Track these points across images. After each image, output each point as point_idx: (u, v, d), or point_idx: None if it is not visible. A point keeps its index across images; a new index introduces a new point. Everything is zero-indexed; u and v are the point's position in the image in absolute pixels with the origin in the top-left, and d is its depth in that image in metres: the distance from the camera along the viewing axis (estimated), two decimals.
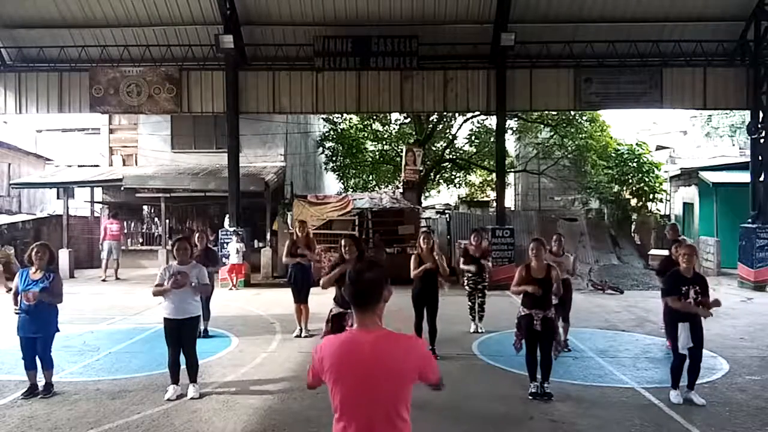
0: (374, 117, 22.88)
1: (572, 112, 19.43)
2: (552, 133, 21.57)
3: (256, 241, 16.98)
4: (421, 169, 19.59)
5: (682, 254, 5.84)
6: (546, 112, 19.19)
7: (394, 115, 22.93)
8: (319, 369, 2.47)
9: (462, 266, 9.26)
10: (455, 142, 23.87)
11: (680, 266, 5.84)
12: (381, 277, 2.50)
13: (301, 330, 8.83)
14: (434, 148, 23.58)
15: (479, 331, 9.00)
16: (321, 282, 5.99)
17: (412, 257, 7.66)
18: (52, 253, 6.08)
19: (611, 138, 22.01)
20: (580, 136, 20.76)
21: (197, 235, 8.90)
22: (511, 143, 25.65)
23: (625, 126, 28.30)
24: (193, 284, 5.86)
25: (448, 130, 23.67)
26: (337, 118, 23.15)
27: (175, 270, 5.87)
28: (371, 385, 2.36)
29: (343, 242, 6.08)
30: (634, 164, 21.22)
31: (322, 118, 22.60)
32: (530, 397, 5.89)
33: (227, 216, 14.93)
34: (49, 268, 5.98)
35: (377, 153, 24.13)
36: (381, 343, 2.42)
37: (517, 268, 6.31)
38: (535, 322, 5.84)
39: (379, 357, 2.38)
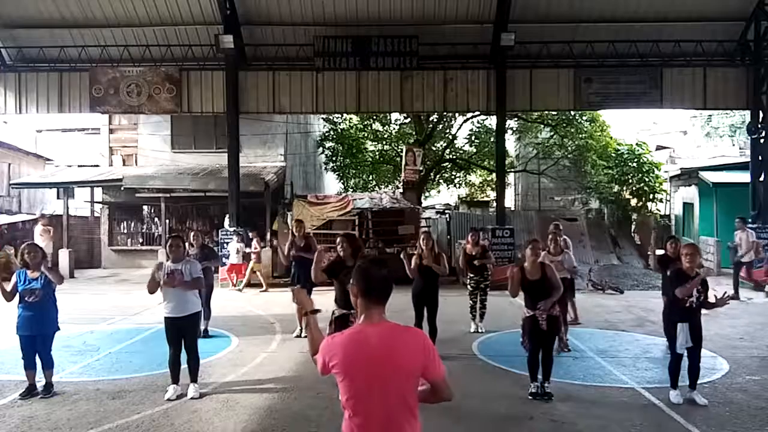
0: (374, 117, 22.88)
1: (572, 112, 19.43)
2: (552, 133, 21.57)
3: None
4: (421, 169, 19.58)
5: (684, 254, 5.77)
6: (546, 112, 19.18)
7: (394, 115, 22.93)
8: (327, 363, 2.49)
9: (460, 260, 9.27)
10: (455, 142, 23.86)
11: (683, 265, 5.78)
12: (391, 274, 2.59)
13: (301, 330, 8.80)
14: (434, 148, 23.57)
15: (479, 330, 9.00)
16: (312, 275, 6.03)
17: (413, 257, 7.67)
18: (43, 252, 6.14)
19: (611, 138, 22.01)
20: (580, 136, 20.75)
21: (192, 234, 8.90)
22: (511, 143, 25.64)
23: (625, 126, 28.37)
24: (186, 280, 5.89)
25: (448, 130, 23.66)
26: (337, 118, 23.14)
27: (168, 269, 5.89)
28: (381, 378, 2.39)
29: (338, 240, 6.11)
30: (634, 164, 21.23)
31: (322, 118, 22.59)
32: (530, 397, 5.89)
33: (227, 216, 14.93)
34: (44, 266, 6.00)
35: (377, 153, 24.11)
36: (388, 334, 2.47)
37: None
38: (541, 322, 5.83)
39: (387, 349, 2.42)
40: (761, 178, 13.86)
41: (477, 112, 19.57)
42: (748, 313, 10.71)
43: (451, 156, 23.74)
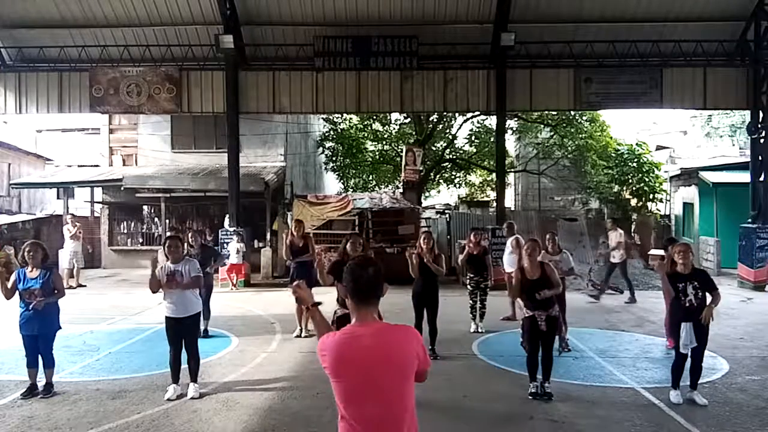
0: (374, 117, 22.88)
1: (572, 112, 19.43)
2: (552, 133, 21.58)
3: (256, 241, 16.98)
4: (421, 169, 19.58)
5: (677, 252, 5.78)
6: (546, 112, 19.18)
7: (394, 115, 22.94)
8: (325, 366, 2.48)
9: (460, 258, 9.25)
10: (455, 142, 23.89)
11: (677, 266, 5.79)
12: (381, 273, 2.55)
13: (301, 330, 8.83)
14: (434, 148, 23.59)
15: (479, 330, 9.01)
16: (320, 278, 5.98)
17: (413, 257, 7.67)
18: (45, 251, 6.08)
19: (611, 138, 22.03)
20: (580, 136, 20.77)
21: (190, 234, 8.85)
22: (511, 143, 25.67)
23: (625, 126, 28.37)
24: (185, 282, 5.90)
25: (448, 130, 23.68)
26: (337, 118, 23.15)
27: (169, 269, 5.89)
28: (375, 378, 2.37)
29: (351, 239, 6.08)
30: (634, 164, 21.25)
31: (322, 118, 22.60)
32: (530, 397, 5.89)
33: (227, 216, 14.93)
34: (45, 265, 5.99)
35: (377, 153, 24.13)
36: (380, 335, 2.45)
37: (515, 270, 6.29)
38: (540, 323, 5.83)
39: (381, 348, 2.40)
40: (761, 178, 13.84)
41: (477, 112, 19.58)
42: (748, 313, 10.71)
43: (451, 156, 23.76)
